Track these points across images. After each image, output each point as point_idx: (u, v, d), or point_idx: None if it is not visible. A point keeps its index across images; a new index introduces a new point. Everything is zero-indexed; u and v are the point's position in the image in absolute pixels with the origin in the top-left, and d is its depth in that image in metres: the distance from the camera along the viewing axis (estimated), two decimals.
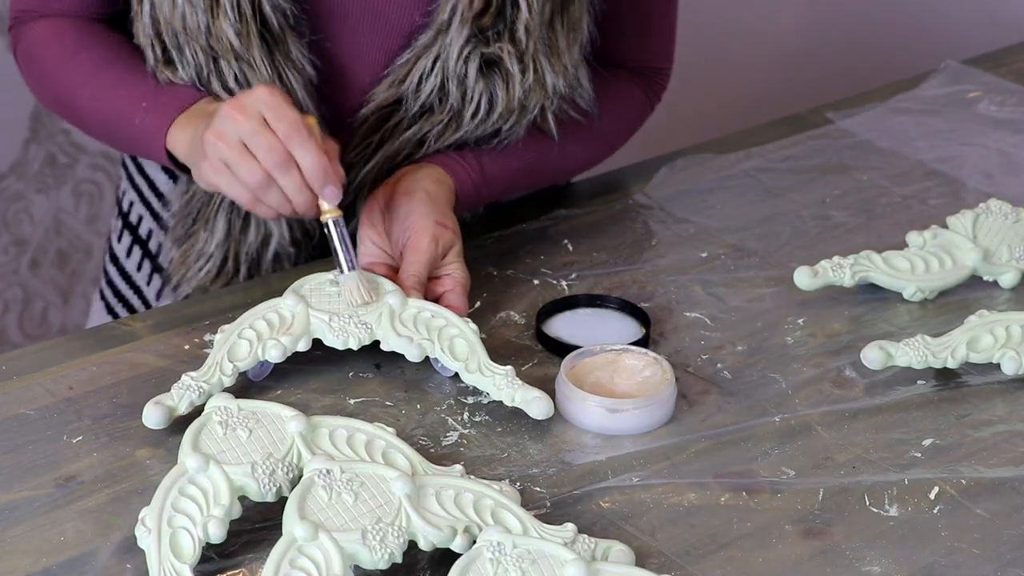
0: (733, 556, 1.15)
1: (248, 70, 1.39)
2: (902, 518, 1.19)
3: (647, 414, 1.27)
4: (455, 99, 1.42)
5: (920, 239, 1.48)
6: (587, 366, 1.31)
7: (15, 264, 2.47)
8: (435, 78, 1.42)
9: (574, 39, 1.45)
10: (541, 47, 1.42)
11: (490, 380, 1.28)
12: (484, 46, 1.41)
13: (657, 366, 1.31)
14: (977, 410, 1.31)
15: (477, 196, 1.46)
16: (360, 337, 1.31)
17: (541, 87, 1.43)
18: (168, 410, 1.24)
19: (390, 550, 1.09)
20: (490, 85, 1.42)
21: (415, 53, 1.42)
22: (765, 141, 1.74)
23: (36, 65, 1.49)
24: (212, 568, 1.12)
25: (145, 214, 1.60)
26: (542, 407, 1.26)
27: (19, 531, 1.15)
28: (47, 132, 2.40)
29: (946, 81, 1.88)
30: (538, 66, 1.42)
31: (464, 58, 1.40)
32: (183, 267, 1.49)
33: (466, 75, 1.41)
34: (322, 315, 1.31)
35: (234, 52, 1.38)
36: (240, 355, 1.29)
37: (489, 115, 1.43)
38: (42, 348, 1.36)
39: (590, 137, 1.53)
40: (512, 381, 1.27)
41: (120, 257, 1.63)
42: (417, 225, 1.35)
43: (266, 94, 1.27)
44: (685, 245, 1.54)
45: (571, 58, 1.45)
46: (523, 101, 1.43)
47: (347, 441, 1.18)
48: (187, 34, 1.38)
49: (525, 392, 1.27)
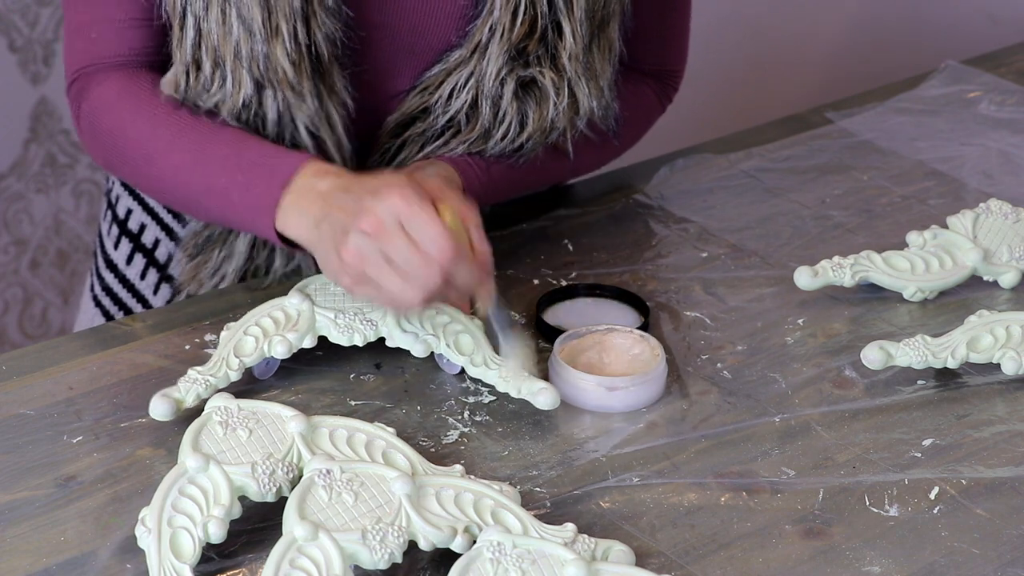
0: (733, 556, 1.15)
1: (293, 100, 1.35)
2: (902, 518, 1.19)
3: (643, 391, 1.30)
4: (487, 118, 1.40)
5: (920, 239, 1.48)
6: (577, 347, 1.33)
7: (15, 264, 2.47)
8: (467, 94, 1.39)
9: (609, 60, 1.43)
10: (582, 71, 1.40)
11: (495, 372, 1.29)
12: (522, 69, 1.39)
13: (645, 343, 1.33)
14: (977, 410, 1.31)
15: (483, 194, 1.45)
16: (366, 334, 1.31)
17: (575, 110, 1.42)
18: (175, 403, 1.24)
19: (390, 550, 1.09)
20: (523, 107, 1.40)
21: (447, 67, 1.40)
22: (765, 141, 1.74)
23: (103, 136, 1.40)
24: (212, 568, 1.12)
25: (149, 222, 1.59)
26: (548, 398, 1.26)
27: (19, 531, 1.15)
28: (47, 132, 2.40)
29: (946, 81, 1.88)
30: (576, 90, 1.40)
31: (500, 80, 1.39)
32: (195, 282, 1.48)
33: (501, 96, 1.39)
34: (327, 312, 1.32)
35: (288, 82, 1.34)
36: (246, 351, 1.29)
37: (519, 136, 1.42)
38: (42, 348, 1.36)
39: (602, 143, 1.52)
40: (518, 374, 1.28)
41: (119, 264, 1.61)
42: None
43: (400, 202, 1.20)
44: (685, 245, 1.54)
45: (606, 80, 1.43)
46: (555, 122, 1.41)
47: (347, 441, 1.18)
48: (236, 60, 1.33)
49: (531, 384, 1.27)
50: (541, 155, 1.45)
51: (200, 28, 1.33)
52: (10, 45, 2.33)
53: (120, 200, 1.60)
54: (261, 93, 1.35)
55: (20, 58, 2.35)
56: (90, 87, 1.40)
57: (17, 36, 2.33)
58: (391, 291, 1.22)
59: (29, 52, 2.35)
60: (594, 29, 1.40)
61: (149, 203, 1.57)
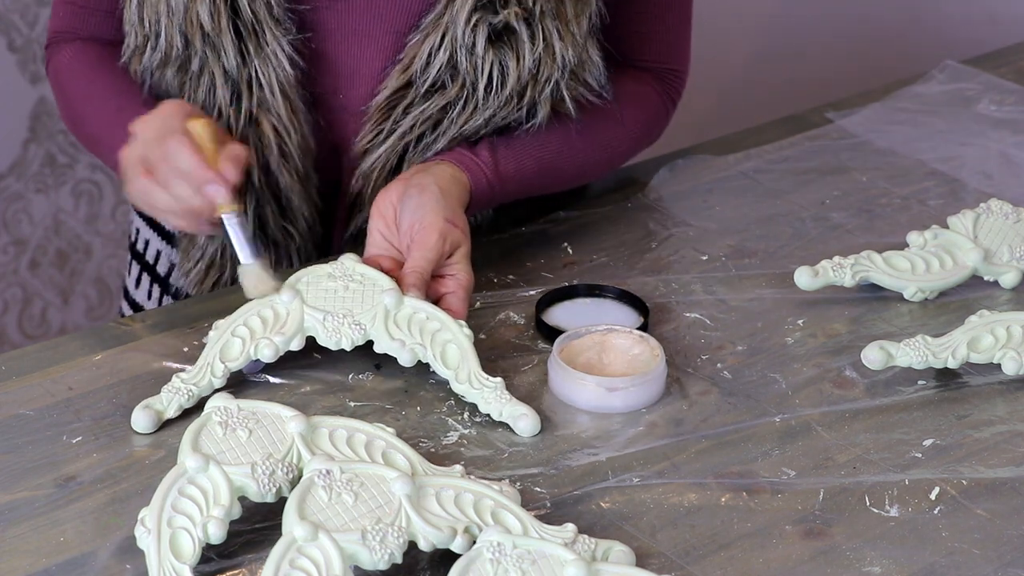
0: (733, 556, 1.15)
1: (210, 55, 1.41)
2: (902, 518, 1.19)
3: (643, 391, 1.30)
4: (466, 71, 1.42)
5: (920, 239, 1.48)
6: (576, 347, 1.33)
7: (14, 264, 2.47)
8: (443, 53, 1.41)
9: (582, 9, 1.44)
10: (548, 10, 1.41)
11: (479, 393, 1.28)
12: (492, 15, 1.40)
13: (645, 344, 1.33)
14: (978, 410, 1.31)
15: (491, 195, 1.45)
16: (353, 338, 1.30)
17: (551, 57, 1.42)
18: (156, 414, 1.24)
19: (390, 550, 1.09)
20: (500, 55, 1.41)
21: (424, 32, 1.42)
22: (765, 141, 1.74)
23: (58, 91, 1.53)
24: (212, 568, 1.12)
25: (152, 236, 1.61)
26: (528, 424, 1.26)
27: (19, 531, 1.15)
28: (47, 132, 2.40)
29: (946, 81, 1.88)
30: (546, 32, 1.42)
31: (472, 26, 1.40)
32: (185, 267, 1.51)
33: (474, 45, 1.41)
34: (316, 313, 1.31)
35: (204, 35, 1.40)
36: (232, 355, 1.29)
37: (503, 88, 1.43)
38: (42, 348, 1.36)
39: (609, 136, 1.53)
40: (501, 395, 1.27)
41: (130, 289, 1.66)
42: (426, 220, 1.34)
43: (166, 105, 1.35)
44: (685, 246, 1.54)
45: (579, 28, 1.44)
46: (533, 71, 1.42)
47: (347, 441, 1.18)
48: (168, 17, 1.40)
49: (513, 408, 1.26)
50: (542, 137, 1.46)
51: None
52: (10, 45, 2.33)
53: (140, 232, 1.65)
54: (189, 51, 1.41)
55: (20, 58, 2.35)
56: (60, 51, 1.51)
57: (17, 36, 2.33)
58: (136, 190, 1.33)
59: (29, 52, 2.35)
60: None
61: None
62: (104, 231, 2.51)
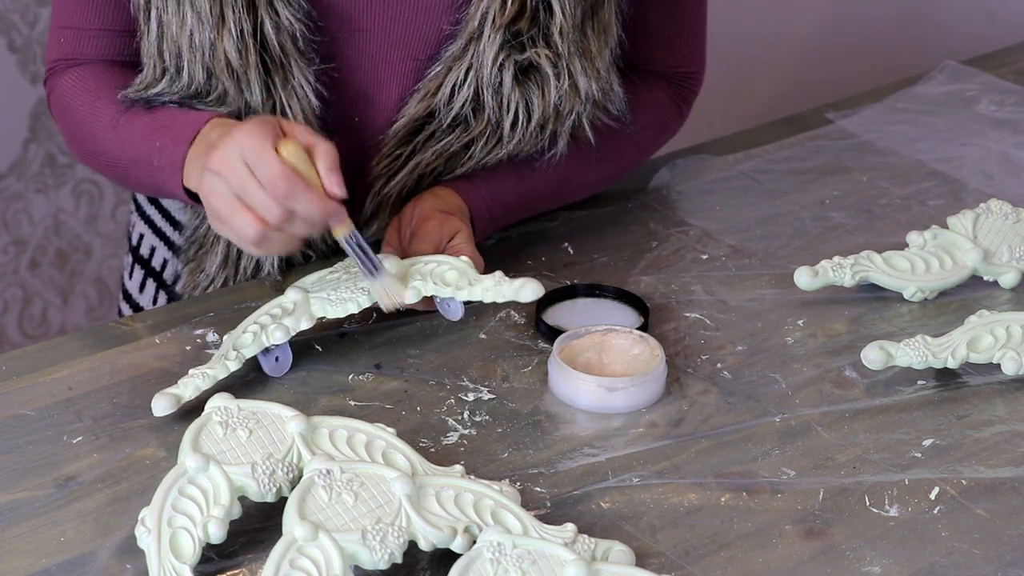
0: (733, 556, 1.15)
1: (233, 91, 1.37)
2: (902, 518, 1.19)
3: (643, 391, 1.30)
4: (491, 109, 1.41)
5: (920, 239, 1.48)
6: (576, 347, 1.33)
7: (15, 264, 2.47)
8: (468, 88, 1.41)
9: (605, 43, 1.44)
10: (575, 50, 1.41)
11: (479, 287, 1.32)
12: (518, 52, 1.40)
13: (644, 344, 1.33)
14: (977, 410, 1.31)
15: (499, 217, 1.47)
16: (359, 301, 1.32)
17: (576, 92, 1.42)
18: (174, 397, 1.25)
19: (390, 550, 1.09)
20: (526, 93, 1.41)
21: (446, 64, 1.41)
22: (765, 142, 1.74)
23: (64, 119, 1.47)
24: (212, 568, 1.12)
25: (158, 244, 1.60)
26: (532, 289, 1.31)
27: (19, 531, 1.15)
28: (47, 132, 2.39)
29: (946, 81, 1.88)
30: (572, 70, 1.41)
31: (499, 66, 1.39)
32: (192, 287, 1.50)
33: (501, 83, 1.40)
34: (320, 294, 1.33)
35: (232, 72, 1.36)
36: (245, 343, 1.30)
37: (528, 124, 1.42)
38: (42, 348, 1.36)
39: (620, 151, 1.53)
40: (500, 280, 1.32)
41: (133, 294, 1.64)
42: (424, 212, 1.38)
43: (244, 138, 1.24)
44: (685, 246, 1.54)
45: (603, 62, 1.44)
46: (558, 107, 1.42)
47: (347, 441, 1.18)
48: (191, 51, 1.36)
49: (511, 284, 1.31)
50: (563, 160, 1.47)
51: (161, 20, 1.37)
52: (9, 45, 2.33)
53: (136, 227, 1.63)
54: (211, 83, 1.38)
55: (20, 58, 2.35)
56: (62, 77, 1.46)
57: (17, 36, 2.33)
58: (233, 223, 1.25)
59: (29, 52, 2.35)
60: (586, 9, 1.41)
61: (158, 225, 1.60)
62: (104, 231, 2.51)
